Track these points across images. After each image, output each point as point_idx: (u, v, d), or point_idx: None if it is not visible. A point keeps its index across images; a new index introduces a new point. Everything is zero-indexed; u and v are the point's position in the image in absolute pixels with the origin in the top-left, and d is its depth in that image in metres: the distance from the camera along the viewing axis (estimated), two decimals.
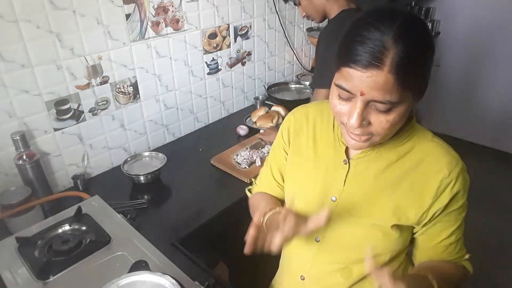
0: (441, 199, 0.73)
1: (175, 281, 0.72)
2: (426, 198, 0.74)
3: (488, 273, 2.13)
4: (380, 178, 0.76)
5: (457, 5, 3.04)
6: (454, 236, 0.78)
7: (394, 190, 0.75)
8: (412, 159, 0.75)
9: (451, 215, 0.76)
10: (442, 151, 0.75)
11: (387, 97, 0.61)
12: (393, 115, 0.65)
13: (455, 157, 0.75)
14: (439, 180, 0.73)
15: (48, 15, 1.18)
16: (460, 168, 0.74)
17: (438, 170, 0.73)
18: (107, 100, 1.44)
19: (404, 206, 0.75)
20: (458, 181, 0.73)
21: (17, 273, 0.92)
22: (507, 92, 3.02)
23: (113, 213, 1.13)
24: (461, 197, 0.75)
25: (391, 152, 0.76)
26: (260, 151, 1.55)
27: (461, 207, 0.76)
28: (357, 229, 0.78)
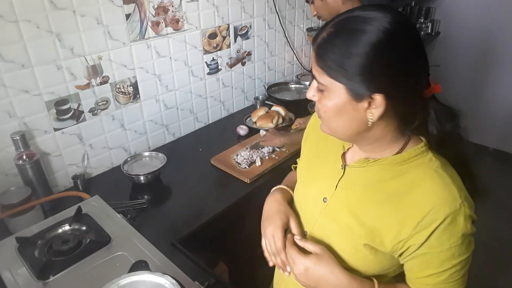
0: (420, 235, 0.66)
1: (175, 281, 0.72)
2: (405, 228, 0.67)
3: (488, 273, 2.13)
4: (367, 193, 0.73)
5: (457, 5, 3.05)
6: (437, 279, 0.69)
7: (377, 209, 0.71)
8: (404, 183, 0.69)
9: (433, 256, 0.67)
10: (439, 183, 0.66)
11: (313, 71, 0.66)
12: (326, 99, 0.66)
13: (454, 195, 0.65)
14: (423, 214, 0.65)
15: (48, 15, 1.18)
16: (453, 210, 0.64)
17: (425, 202, 0.66)
18: (107, 100, 1.44)
19: (381, 229, 0.70)
20: (445, 222, 0.64)
21: (17, 273, 0.92)
22: (507, 92, 3.02)
23: (113, 213, 1.13)
24: (447, 240, 0.65)
25: (386, 170, 0.72)
26: (260, 151, 1.55)
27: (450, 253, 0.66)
28: (336, 236, 0.77)
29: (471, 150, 2.66)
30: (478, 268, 2.26)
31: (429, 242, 0.66)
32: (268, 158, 1.52)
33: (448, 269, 0.68)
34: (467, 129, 0.73)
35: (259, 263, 1.16)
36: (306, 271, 0.73)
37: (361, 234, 0.72)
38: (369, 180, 0.73)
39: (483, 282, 2.08)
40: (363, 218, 0.72)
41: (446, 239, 0.65)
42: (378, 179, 0.72)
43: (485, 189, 0.76)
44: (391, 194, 0.70)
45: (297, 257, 0.74)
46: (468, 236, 0.67)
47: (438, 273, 0.68)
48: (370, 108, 0.63)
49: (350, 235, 0.74)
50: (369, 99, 0.63)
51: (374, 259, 0.72)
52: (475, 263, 0.87)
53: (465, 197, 0.66)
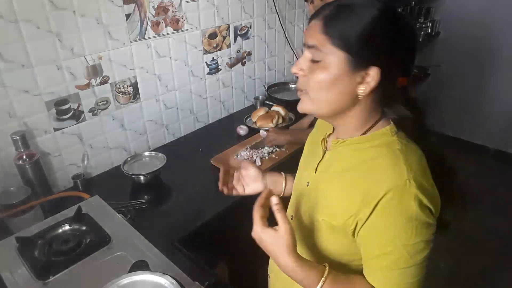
0: (365, 209, 0.66)
1: (175, 281, 0.72)
2: (354, 202, 0.68)
3: (488, 273, 2.13)
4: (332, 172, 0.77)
5: (457, 5, 3.05)
6: (381, 262, 0.67)
7: (337, 186, 0.74)
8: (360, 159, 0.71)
9: (376, 234, 0.67)
10: (390, 159, 0.67)
11: (314, 41, 0.67)
12: (320, 67, 0.67)
13: (402, 172, 0.64)
14: (368, 187, 0.66)
15: (48, 15, 1.18)
16: (394, 186, 0.64)
17: (371, 177, 0.67)
18: (107, 100, 1.44)
19: (337, 204, 0.72)
20: (386, 196, 0.64)
21: (17, 273, 0.92)
22: (507, 92, 3.02)
23: (113, 213, 1.13)
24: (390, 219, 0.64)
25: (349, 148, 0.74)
26: (260, 151, 1.55)
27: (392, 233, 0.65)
28: (306, 216, 0.81)
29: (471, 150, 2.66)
30: (478, 268, 2.27)
31: (372, 218, 0.66)
32: (268, 158, 1.52)
33: (392, 251, 0.66)
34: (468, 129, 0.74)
35: (259, 263, 1.16)
36: (260, 241, 0.72)
37: (321, 210, 0.75)
38: (336, 159, 0.77)
39: (483, 282, 2.08)
40: (325, 195, 0.76)
41: (388, 215, 0.65)
42: (342, 158, 0.76)
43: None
44: (348, 171, 0.72)
45: (256, 224, 0.72)
46: (414, 219, 0.63)
47: (383, 254, 0.67)
48: (363, 82, 0.66)
49: (314, 213, 0.77)
50: (363, 73, 0.66)
51: (333, 237, 0.74)
52: (475, 263, 0.87)
53: (414, 177, 0.64)
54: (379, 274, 0.69)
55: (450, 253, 2.28)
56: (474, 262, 2.20)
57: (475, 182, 2.91)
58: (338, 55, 0.66)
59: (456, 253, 2.27)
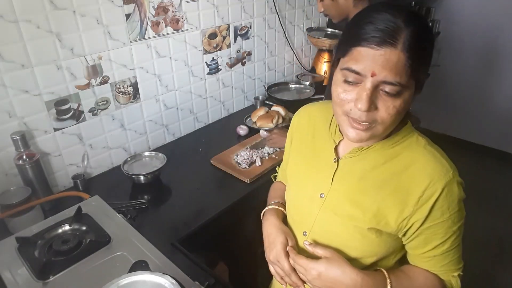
0: (422, 209, 0.70)
1: (175, 281, 0.72)
2: (407, 206, 0.71)
3: (488, 273, 2.13)
4: (364, 180, 0.75)
5: (457, 5, 3.05)
6: (441, 249, 0.74)
7: (377, 193, 0.74)
8: (399, 164, 0.73)
9: (437, 227, 0.72)
10: (431, 159, 0.71)
11: (398, 78, 0.61)
12: (399, 101, 0.64)
13: (445, 167, 0.70)
14: (422, 189, 0.69)
15: (48, 15, 1.18)
16: (447, 180, 0.69)
17: (422, 178, 0.70)
18: (107, 100, 1.44)
19: (384, 211, 0.73)
20: (443, 193, 0.69)
21: (17, 273, 0.92)
22: (507, 92, 3.02)
23: (113, 213, 1.12)
24: (447, 209, 0.70)
25: (379, 155, 0.75)
26: (260, 151, 1.55)
27: (451, 220, 0.71)
28: (340, 228, 0.78)
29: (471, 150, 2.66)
30: (478, 268, 2.27)
31: (432, 214, 0.70)
32: (268, 158, 1.52)
33: (450, 236, 0.73)
34: (467, 129, 0.77)
35: (259, 263, 1.16)
36: (319, 275, 0.74)
37: (365, 220, 0.74)
38: (364, 167, 0.76)
39: (483, 282, 2.08)
40: (364, 204, 0.74)
41: (446, 208, 0.70)
42: (373, 165, 0.75)
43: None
44: (388, 177, 0.73)
45: (307, 264, 0.75)
46: (462, 201, 0.72)
47: (443, 242, 0.73)
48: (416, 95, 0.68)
49: (353, 223, 0.76)
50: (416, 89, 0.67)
51: (379, 241, 0.75)
52: (475, 263, 0.88)
53: (454, 167, 0.71)
54: (438, 259, 0.75)
55: None
56: (474, 262, 2.20)
57: (475, 182, 2.91)
58: (412, 86, 0.66)
59: None
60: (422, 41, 0.63)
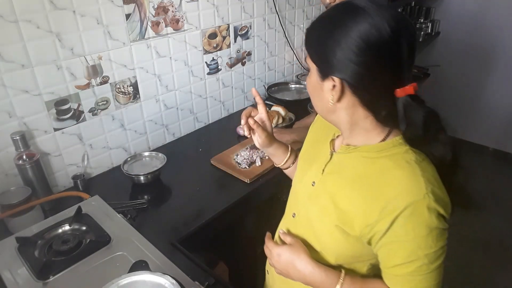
0: (384, 221, 0.68)
1: (175, 281, 0.72)
2: (372, 213, 0.69)
3: (488, 273, 2.13)
4: (344, 177, 0.78)
5: (457, 5, 3.05)
6: (404, 270, 0.70)
7: (350, 194, 0.75)
8: (375, 169, 0.72)
9: (399, 245, 0.69)
10: (408, 174, 0.68)
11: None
12: (308, 79, 0.77)
13: (419, 185, 0.66)
14: (387, 199, 0.68)
15: (48, 15, 1.18)
16: (415, 199, 0.65)
17: (390, 189, 0.68)
18: (107, 100, 1.44)
19: (352, 213, 0.73)
20: (406, 211, 0.65)
21: (17, 273, 0.92)
22: (507, 92, 3.02)
23: (113, 213, 1.12)
24: (412, 230, 0.66)
25: (364, 158, 0.75)
26: (260, 151, 1.55)
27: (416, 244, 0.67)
28: (316, 219, 0.82)
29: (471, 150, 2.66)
30: (478, 268, 2.27)
31: (393, 229, 0.68)
32: (268, 158, 1.52)
33: (414, 260, 0.68)
34: (467, 129, 0.74)
35: (259, 263, 1.16)
36: (279, 256, 0.83)
37: (334, 216, 0.76)
38: (347, 166, 0.78)
39: (483, 282, 2.09)
40: (338, 201, 0.77)
41: (411, 229, 0.67)
42: (354, 165, 0.77)
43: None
44: (363, 180, 0.73)
45: (272, 247, 0.86)
46: (434, 230, 0.67)
47: (405, 263, 0.69)
48: (333, 90, 0.70)
49: (325, 216, 0.79)
50: (332, 82, 0.69)
51: (346, 242, 0.76)
52: (475, 263, 0.88)
53: (432, 190, 0.66)
54: (400, 280, 0.72)
55: (450, 253, 2.28)
56: (474, 262, 2.20)
57: (475, 182, 2.91)
58: (312, 66, 0.73)
59: (456, 253, 2.27)
60: (312, 34, 0.73)
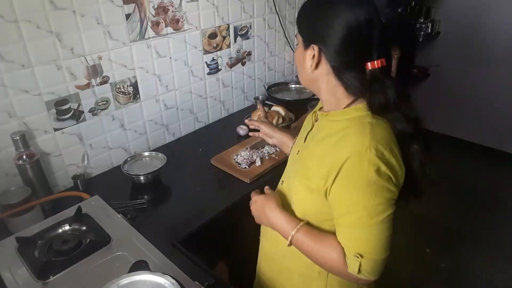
0: (332, 172, 0.76)
1: (175, 281, 0.72)
2: (325, 166, 0.78)
3: (488, 273, 2.13)
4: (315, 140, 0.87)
5: (457, 5, 3.05)
6: (345, 220, 0.78)
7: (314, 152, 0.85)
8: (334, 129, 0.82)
9: (342, 195, 0.77)
10: (357, 129, 0.76)
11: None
12: (296, 51, 0.89)
13: (365, 141, 0.73)
14: (335, 152, 0.77)
15: (48, 15, 1.18)
16: (355, 151, 0.73)
17: (340, 143, 0.77)
18: (107, 100, 1.44)
19: (313, 168, 0.83)
20: (348, 161, 0.74)
21: (17, 273, 0.92)
22: (507, 92, 3.02)
23: (113, 213, 1.12)
24: (352, 181, 0.74)
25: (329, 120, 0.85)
26: (260, 151, 1.55)
27: (355, 194, 0.74)
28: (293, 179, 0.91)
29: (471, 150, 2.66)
30: (478, 268, 2.27)
31: (338, 180, 0.76)
32: (268, 158, 1.52)
33: (354, 212, 0.75)
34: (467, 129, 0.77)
35: None
36: (254, 203, 0.98)
37: (301, 173, 0.87)
38: (319, 130, 0.89)
39: (483, 282, 2.09)
40: (306, 159, 0.87)
41: (349, 179, 0.74)
42: (324, 128, 0.86)
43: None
44: (324, 139, 0.83)
45: (253, 195, 1.00)
46: (373, 184, 0.72)
47: (346, 214, 0.77)
48: (312, 59, 0.81)
49: (297, 175, 0.89)
50: (312, 51, 0.81)
51: (310, 198, 0.85)
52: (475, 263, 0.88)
53: (375, 146, 0.73)
54: (344, 231, 0.80)
55: (450, 253, 2.28)
56: (474, 262, 2.20)
57: (474, 182, 2.91)
58: (300, 40, 0.86)
59: (456, 253, 2.27)
60: (303, 12, 0.85)
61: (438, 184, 0.85)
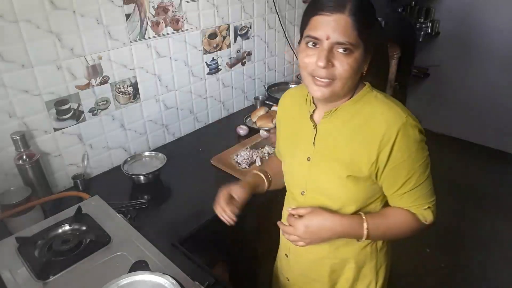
0: (384, 152, 0.80)
1: (175, 281, 0.72)
2: (372, 151, 0.81)
3: (488, 273, 2.13)
4: (337, 136, 0.87)
5: (457, 5, 3.05)
6: (408, 186, 0.84)
7: (348, 145, 0.85)
8: (362, 117, 0.84)
9: (400, 167, 0.82)
10: (387, 108, 0.82)
11: (347, 38, 0.75)
12: (351, 58, 0.77)
13: (398, 113, 0.81)
14: (381, 134, 0.80)
15: (48, 15, 1.18)
16: (401, 123, 0.79)
17: (381, 125, 0.81)
18: (107, 100, 1.44)
19: (356, 159, 0.84)
20: (399, 135, 0.79)
21: (17, 273, 0.92)
22: (506, 91, 3.02)
23: (113, 213, 1.13)
24: (406, 149, 0.80)
25: (345, 112, 0.86)
26: (260, 151, 1.55)
27: (411, 159, 0.81)
28: (325, 182, 0.90)
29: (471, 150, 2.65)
30: (478, 268, 2.27)
31: (392, 155, 0.81)
32: (268, 158, 1.52)
33: (413, 174, 0.83)
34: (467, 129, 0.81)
35: (259, 263, 1.16)
36: (306, 228, 0.87)
37: (342, 169, 0.86)
38: (336, 126, 0.88)
39: (483, 282, 2.09)
40: (340, 157, 0.87)
41: (405, 148, 0.80)
42: (342, 122, 0.87)
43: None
44: (355, 130, 0.85)
45: (295, 222, 0.89)
46: (420, 142, 0.81)
47: (408, 179, 0.83)
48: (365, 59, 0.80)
49: (334, 174, 0.88)
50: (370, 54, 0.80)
51: (358, 187, 0.87)
52: (475, 263, 0.88)
53: (408, 113, 0.81)
54: (407, 196, 0.85)
55: (450, 253, 2.28)
56: (474, 262, 2.20)
57: (474, 182, 2.91)
58: (361, 47, 0.78)
59: (456, 253, 2.27)
60: (365, 8, 0.78)
61: None
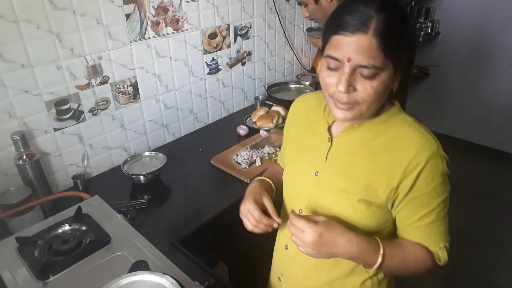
0: (408, 179, 0.75)
1: (175, 281, 0.72)
2: (394, 177, 0.76)
3: (488, 273, 2.13)
4: (355, 155, 0.81)
5: (457, 5, 3.05)
6: (428, 219, 0.79)
7: (367, 167, 0.79)
8: (387, 139, 0.79)
9: (422, 198, 0.77)
10: (417, 133, 0.77)
11: (371, 61, 0.68)
12: (377, 82, 0.70)
13: (430, 141, 0.76)
14: (408, 159, 0.75)
15: (48, 15, 1.18)
16: (432, 152, 0.74)
17: (409, 150, 0.75)
18: (107, 100, 1.44)
19: (374, 183, 0.78)
20: (428, 164, 0.74)
21: (17, 273, 0.92)
22: (507, 92, 3.02)
23: (113, 213, 1.13)
24: (431, 180, 0.75)
25: (368, 131, 0.81)
26: (260, 151, 1.55)
27: (435, 192, 0.76)
28: (332, 202, 0.84)
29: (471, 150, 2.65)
30: (478, 268, 2.27)
31: (417, 184, 0.75)
32: (268, 158, 1.52)
33: (435, 207, 0.78)
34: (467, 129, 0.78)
35: (259, 263, 1.16)
36: (320, 236, 0.74)
37: (356, 192, 0.79)
38: (355, 143, 0.82)
39: (483, 282, 2.09)
40: (355, 177, 0.80)
41: (431, 179, 0.75)
42: (363, 141, 0.81)
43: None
44: (377, 151, 0.79)
45: (308, 226, 0.75)
46: (445, 175, 0.77)
47: (428, 212, 0.78)
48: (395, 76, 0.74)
49: (345, 196, 0.81)
50: (396, 69, 0.72)
51: (369, 212, 0.80)
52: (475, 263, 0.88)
53: (438, 143, 0.77)
54: (424, 229, 0.80)
55: (450, 253, 2.28)
56: (474, 262, 2.20)
57: (474, 182, 2.91)
58: (389, 67, 0.71)
59: (455, 253, 2.27)
60: (394, 25, 0.68)
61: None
